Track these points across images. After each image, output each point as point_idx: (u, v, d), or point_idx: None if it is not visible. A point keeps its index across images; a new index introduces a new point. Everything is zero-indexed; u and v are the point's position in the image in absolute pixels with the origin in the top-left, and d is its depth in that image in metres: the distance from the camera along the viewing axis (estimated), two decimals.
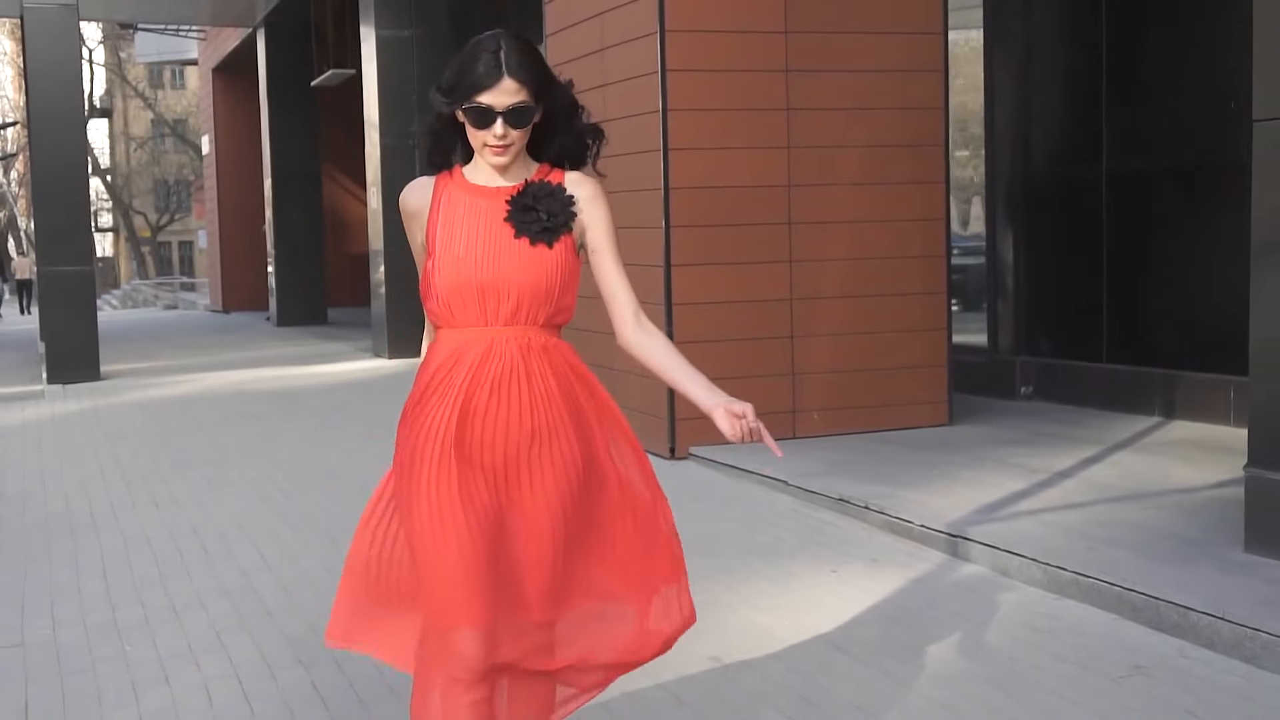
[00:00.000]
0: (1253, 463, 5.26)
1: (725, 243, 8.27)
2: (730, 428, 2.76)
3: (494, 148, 2.81)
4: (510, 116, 2.77)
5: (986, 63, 10.31)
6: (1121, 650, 4.60)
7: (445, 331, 2.90)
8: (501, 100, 2.76)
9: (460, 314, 2.86)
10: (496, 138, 2.79)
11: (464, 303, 2.84)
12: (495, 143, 2.80)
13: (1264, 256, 5.16)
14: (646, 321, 3.00)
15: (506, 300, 2.84)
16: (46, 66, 14.35)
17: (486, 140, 2.80)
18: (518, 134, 2.81)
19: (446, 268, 2.85)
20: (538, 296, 2.85)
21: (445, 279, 2.84)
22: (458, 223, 2.88)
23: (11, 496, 8.04)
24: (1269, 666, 4.30)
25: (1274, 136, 5.06)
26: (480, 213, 2.88)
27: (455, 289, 2.84)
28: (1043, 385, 9.82)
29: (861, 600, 5.29)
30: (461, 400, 2.82)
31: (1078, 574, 5.14)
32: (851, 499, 6.62)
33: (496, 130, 2.77)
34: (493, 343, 2.84)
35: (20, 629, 5.31)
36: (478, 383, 2.83)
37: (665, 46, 8.08)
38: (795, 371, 8.43)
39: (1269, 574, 4.97)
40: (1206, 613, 4.57)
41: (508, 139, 2.80)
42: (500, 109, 2.76)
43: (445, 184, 2.93)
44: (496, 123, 2.77)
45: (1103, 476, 6.96)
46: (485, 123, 2.78)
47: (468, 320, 2.86)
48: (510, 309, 2.84)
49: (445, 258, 2.85)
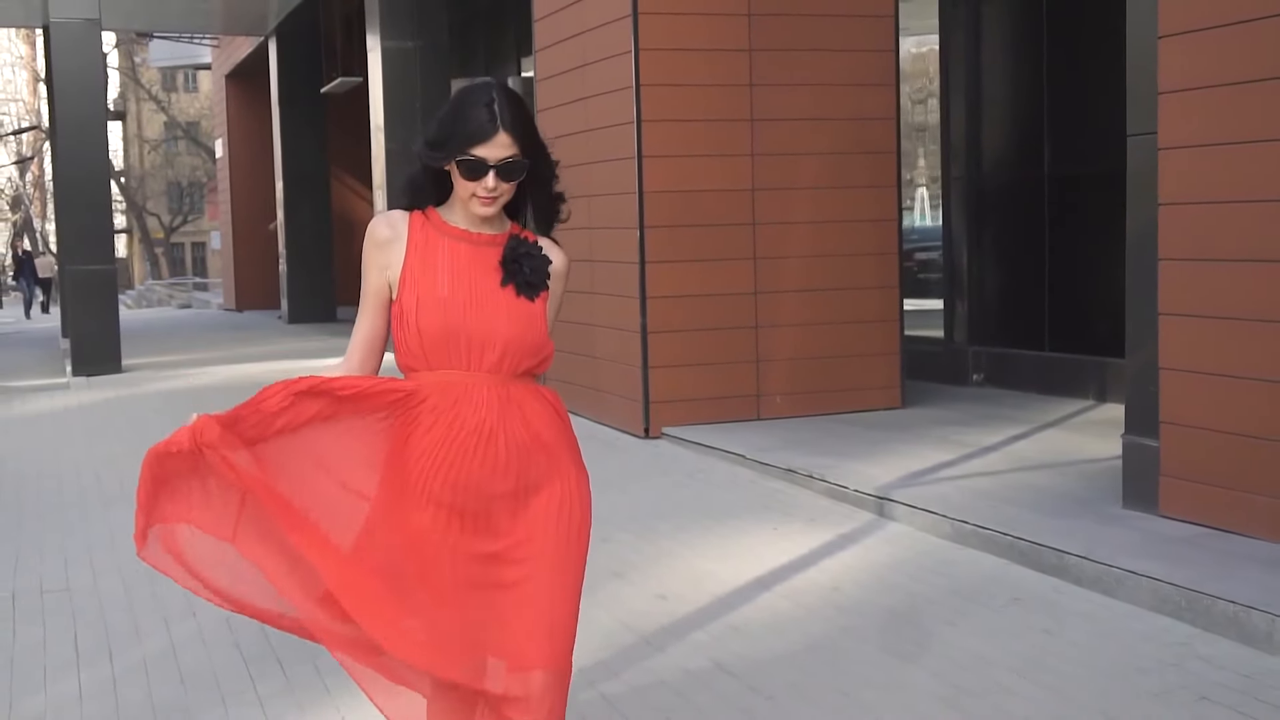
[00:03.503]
0: (1128, 430, 6.08)
1: (695, 241, 9.06)
2: None
3: (483, 199, 2.79)
4: (503, 170, 2.76)
5: (941, 77, 11.10)
6: (1005, 587, 5.42)
7: (422, 375, 2.83)
8: (495, 154, 2.74)
9: (439, 357, 2.80)
10: (487, 190, 2.76)
11: (448, 347, 2.79)
12: (485, 194, 2.77)
13: (1136, 255, 5.97)
14: None
15: (491, 349, 2.80)
16: (71, 76, 15.19)
17: (476, 191, 2.78)
18: (507, 187, 2.80)
19: (432, 309, 2.78)
20: (521, 347, 2.82)
21: (431, 320, 2.78)
22: (439, 264, 2.83)
23: (48, 473, 8.86)
24: (1121, 596, 5.10)
25: (1144, 149, 5.87)
26: (461, 256, 2.84)
27: (443, 331, 2.78)
28: (993, 373, 10.62)
29: (794, 551, 6.10)
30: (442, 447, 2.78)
31: (978, 526, 5.96)
32: (799, 469, 7.43)
33: (488, 183, 2.76)
34: (471, 388, 2.80)
35: (65, 577, 6.14)
36: (458, 427, 2.79)
37: (639, 63, 8.87)
38: (760, 359, 9.22)
39: (1137, 524, 5.78)
40: (1076, 554, 5.39)
41: (498, 191, 2.78)
42: (494, 162, 2.75)
43: (420, 222, 2.87)
44: (489, 175, 2.75)
45: (1023, 450, 7.78)
46: (477, 175, 2.76)
47: (446, 364, 2.80)
48: (494, 358, 2.81)
49: (428, 297, 2.79)
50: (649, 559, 6.03)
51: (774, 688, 4.39)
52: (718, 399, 9.08)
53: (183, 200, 59.46)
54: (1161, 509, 5.84)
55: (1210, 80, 5.53)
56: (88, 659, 4.93)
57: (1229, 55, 5.44)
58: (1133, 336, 6.05)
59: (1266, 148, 5.30)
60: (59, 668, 4.84)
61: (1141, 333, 5.96)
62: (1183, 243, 5.70)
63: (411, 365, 2.83)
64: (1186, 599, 4.82)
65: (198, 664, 4.81)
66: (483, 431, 2.78)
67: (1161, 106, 5.72)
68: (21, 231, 58.93)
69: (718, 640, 4.89)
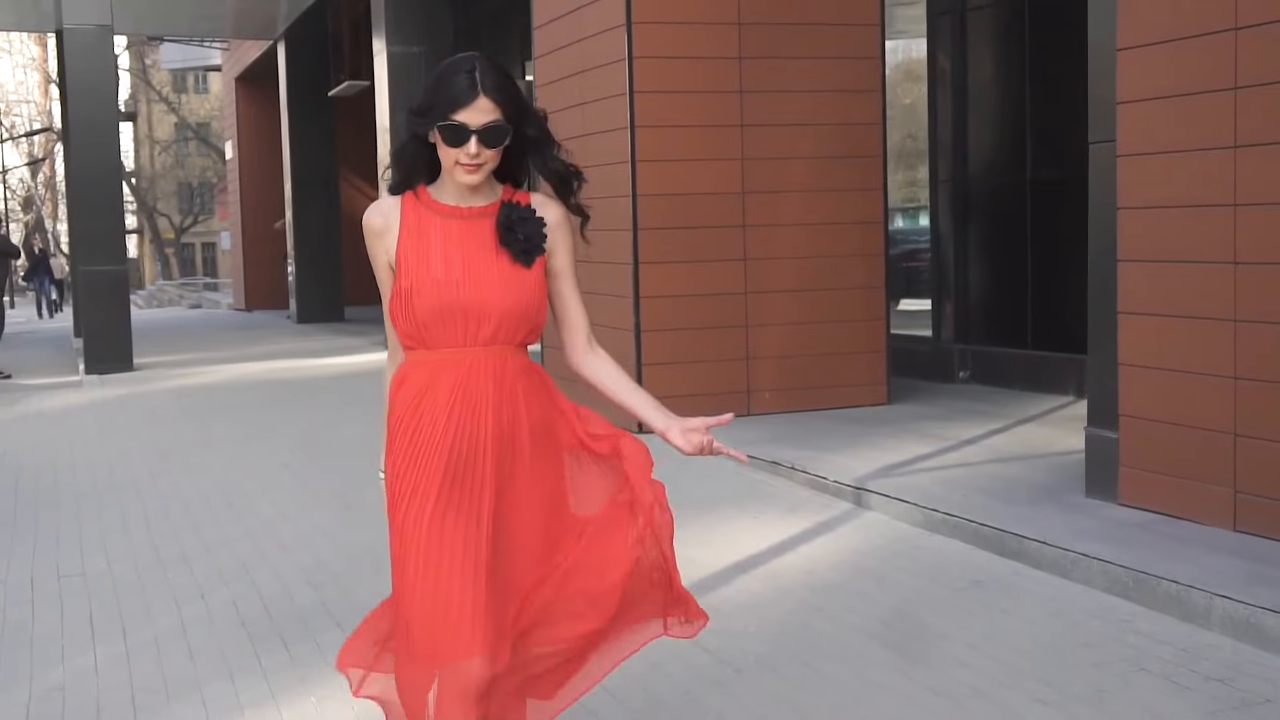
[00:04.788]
0: (1090, 423, 6.39)
1: (687, 243, 9.38)
2: (686, 443, 2.91)
3: (466, 166, 2.78)
4: (484, 135, 2.75)
5: (929, 84, 11.41)
6: (968, 569, 5.72)
7: (419, 353, 2.87)
8: (476, 119, 2.74)
9: (437, 335, 2.83)
10: (469, 156, 2.76)
11: (444, 324, 2.81)
12: (468, 161, 2.77)
13: (1098, 256, 6.28)
14: (598, 346, 3.04)
15: (487, 322, 2.82)
16: (84, 81, 15.56)
17: (459, 158, 2.77)
18: (490, 153, 2.78)
19: (426, 289, 2.80)
20: (517, 318, 2.84)
21: (426, 301, 2.80)
22: (431, 243, 2.84)
23: (63, 465, 9.20)
24: (1075, 578, 5.41)
25: (1104, 156, 6.17)
26: (454, 233, 2.85)
27: (437, 311, 2.80)
28: (979, 370, 10.93)
29: (773, 538, 6.41)
30: (447, 422, 2.83)
31: (947, 514, 6.27)
32: (782, 461, 7.74)
33: (470, 149, 2.75)
34: (472, 363, 2.83)
35: (80, 562, 6.46)
36: (462, 402, 2.82)
37: (633, 71, 9.19)
38: (749, 356, 9.54)
39: (1097, 512, 6.09)
40: (1035, 539, 5.69)
41: (480, 158, 2.77)
42: (475, 127, 2.74)
43: (411, 203, 2.89)
44: (470, 141, 2.74)
45: (999, 443, 8.08)
46: (459, 141, 2.75)
47: (444, 341, 2.84)
48: (490, 330, 2.83)
49: (423, 278, 2.81)
50: None
51: (743, 661, 4.69)
52: (709, 395, 9.36)
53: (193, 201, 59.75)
54: (1121, 498, 6.15)
55: (1165, 91, 5.83)
56: (103, 636, 5.23)
57: (1182, 68, 5.74)
58: (1094, 334, 6.35)
59: (1218, 155, 5.60)
60: (76, 645, 5.14)
61: (1102, 330, 6.26)
62: (1140, 245, 6.01)
63: (411, 345, 2.88)
64: (1134, 579, 5.12)
65: (206, 641, 5.11)
66: (479, 407, 2.82)
67: (1120, 116, 6.03)
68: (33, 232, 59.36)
69: None
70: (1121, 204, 6.07)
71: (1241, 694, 4.20)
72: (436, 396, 2.83)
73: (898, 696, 4.29)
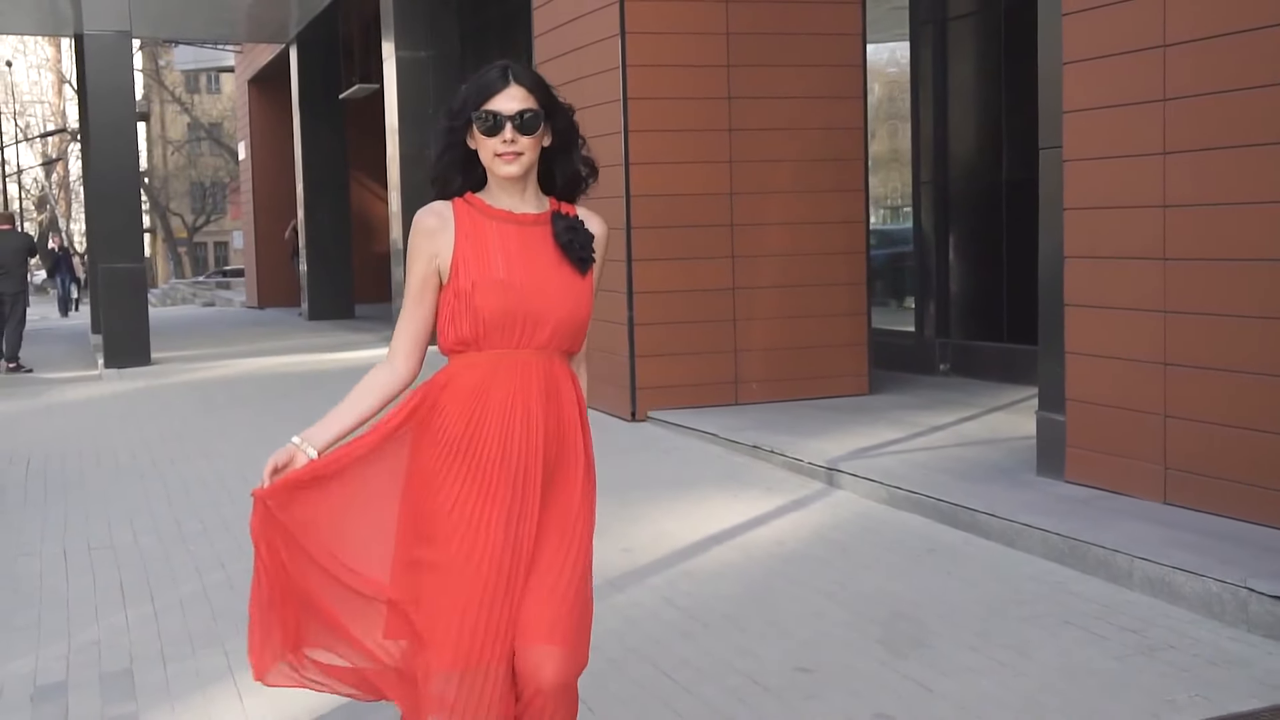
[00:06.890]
0: (1041, 407, 6.91)
1: (678, 241, 9.89)
2: None
3: (505, 155, 2.79)
4: (518, 121, 2.77)
5: (912, 90, 11.92)
6: (925, 540, 6.24)
7: (469, 355, 2.85)
8: (509, 105, 2.77)
9: (495, 338, 2.82)
10: (505, 143, 2.77)
11: (504, 326, 2.80)
12: (504, 149, 2.78)
13: (1047, 253, 6.79)
14: (584, 364, 3.11)
15: (544, 327, 2.82)
16: (103, 84, 16.04)
17: (496, 148, 2.79)
18: (527, 141, 2.79)
19: (489, 289, 2.79)
20: (572, 325, 2.86)
21: (489, 301, 2.78)
22: (489, 245, 2.83)
23: (86, 453, 9.73)
24: (1019, 546, 5.93)
25: (1052, 161, 6.69)
26: (511, 236, 2.85)
27: (502, 312, 2.79)
28: (958, 363, 11.44)
29: (749, 513, 6.93)
30: (505, 444, 2.82)
31: (910, 491, 6.78)
32: (762, 445, 8.25)
33: (506, 134, 2.77)
34: (525, 366, 2.83)
35: (109, 536, 6.99)
36: (517, 413, 2.83)
37: (627, 79, 9.70)
38: (737, 349, 10.05)
39: (1045, 489, 6.60)
40: (985, 512, 6.21)
41: (517, 145, 2.78)
42: (509, 113, 2.77)
43: (464, 208, 2.87)
44: (506, 127, 2.76)
45: (967, 429, 8.60)
46: (495, 129, 2.77)
47: (499, 343, 2.83)
48: (546, 335, 2.83)
49: (486, 278, 2.80)
50: (621, 520, 6.84)
51: (711, 617, 5.21)
52: (699, 386, 9.90)
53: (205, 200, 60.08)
54: (1067, 476, 6.66)
55: (1104, 101, 6.34)
56: (132, 600, 5.76)
57: (1118, 80, 6.25)
58: (1044, 325, 6.87)
59: (1149, 160, 6.11)
60: (108, 606, 5.67)
61: (1052, 322, 6.78)
62: (1083, 243, 6.52)
63: (461, 348, 2.86)
64: (1069, 546, 5.64)
65: (227, 603, 5.61)
66: (529, 408, 2.83)
67: (1066, 124, 6.55)
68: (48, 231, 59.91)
69: (669, 583, 5.71)
70: (1067, 205, 6.58)
71: (1149, 642, 4.72)
72: (488, 404, 2.84)
73: (844, 646, 4.81)
